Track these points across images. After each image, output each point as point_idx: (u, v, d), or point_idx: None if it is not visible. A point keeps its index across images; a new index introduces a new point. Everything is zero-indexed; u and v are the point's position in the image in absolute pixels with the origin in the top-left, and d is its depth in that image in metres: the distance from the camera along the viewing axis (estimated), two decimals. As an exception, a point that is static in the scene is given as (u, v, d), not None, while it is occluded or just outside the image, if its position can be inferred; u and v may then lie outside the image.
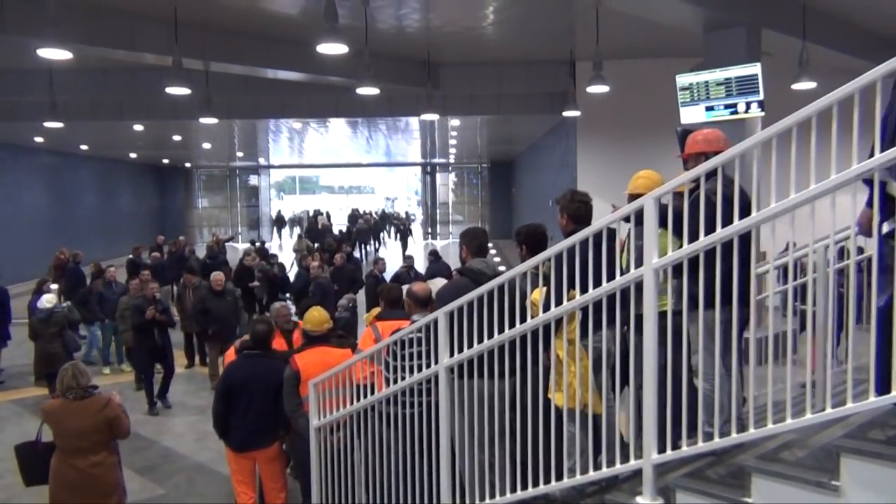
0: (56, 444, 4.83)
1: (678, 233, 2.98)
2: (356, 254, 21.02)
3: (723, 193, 2.80)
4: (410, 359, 4.09)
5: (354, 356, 4.70)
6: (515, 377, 3.60)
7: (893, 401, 2.44)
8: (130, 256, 16.10)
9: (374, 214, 36.91)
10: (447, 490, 3.93)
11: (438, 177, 36.75)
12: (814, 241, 2.72)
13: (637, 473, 3.12)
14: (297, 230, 36.07)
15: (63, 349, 8.93)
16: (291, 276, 13.70)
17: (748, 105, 8.57)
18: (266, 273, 12.77)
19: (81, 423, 4.70)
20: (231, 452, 5.53)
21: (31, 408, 9.02)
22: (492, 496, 3.74)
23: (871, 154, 2.45)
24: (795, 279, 4.96)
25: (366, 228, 29.55)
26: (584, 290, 3.19)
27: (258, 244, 20.29)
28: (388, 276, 11.98)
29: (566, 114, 12.69)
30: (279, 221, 38.03)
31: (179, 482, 6.99)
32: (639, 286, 3.04)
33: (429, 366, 3.93)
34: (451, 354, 3.74)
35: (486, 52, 13.01)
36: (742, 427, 2.87)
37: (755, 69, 8.46)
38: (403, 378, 4.11)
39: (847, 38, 10.91)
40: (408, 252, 20.30)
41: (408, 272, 11.84)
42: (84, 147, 24.11)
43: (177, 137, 23.29)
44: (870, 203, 2.64)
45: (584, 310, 3.25)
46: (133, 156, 29.12)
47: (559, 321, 3.40)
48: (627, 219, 3.24)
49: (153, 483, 6.93)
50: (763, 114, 8.54)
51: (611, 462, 3.22)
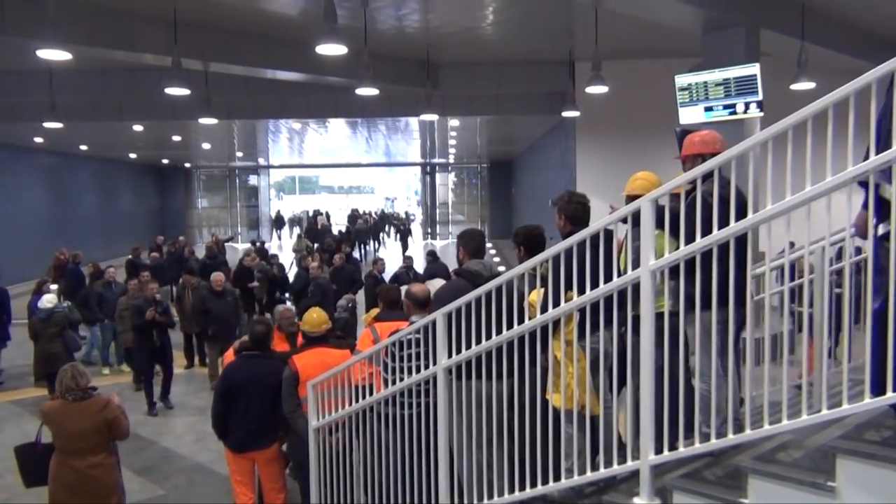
0: (55, 446, 4.84)
1: (675, 234, 2.99)
2: (355, 254, 21.02)
3: (719, 195, 2.81)
4: (409, 360, 4.10)
5: (353, 357, 4.71)
6: (513, 378, 3.62)
7: (889, 402, 2.45)
8: (129, 257, 16.08)
9: (374, 215, 36.92)
10: (445, 491, 3.94)
11: (438, 177, 36.76)
12: (809, 243, 2.73)
13: (634, 474, 3.13)
14: (297, 230, 36.09)
15: (64, 349, 8.93)
16: (291, 277, 13.71)
17: (747, 105, 8.57)
18: (266, 273, 12.78)
19: (81, 425, 4.71)
20: (230, 453, 5.55)
21: (31, 408, 9.03)
22: (490, 497, 3.74)
23: (867, 157, 2.46)
24: (792, 280, 4.95)
25: (365, 229, 29.55)
26: (582, 292, 3.21)
27: (258, 244, 20.30)
28: (388, 277, 12.00)
29: (565, 114, 12.69)
30: (278, 221, 38.04)
31: (179, 483, 7.00)
32: (636, 287, 3.05)
33: (427, 367, 3.94)
34: (450, 355, 3.75)
35: (486, 53, 13.02)
36: (739, 428, 2.87)
37: (754, 70, 8.47)
38: (402, 379, 4.12)
39: (846, 39, 10.92)
40: (408, 252, 20.31)
41: (407, 272, 11.86)
42: (84, 147, 24.12)
43: (176, 138, 23.30)
44: (866, 205, 2.65)
45: (582, 311, 3.27)
46: (133, 156, 29.12)
47: (557, 322, 3.41)
48: (625, 220, 3.25)
49: (153, 484, 6.94)
50: (762, 114, 8.54)
51: (608, 463, 3.23)
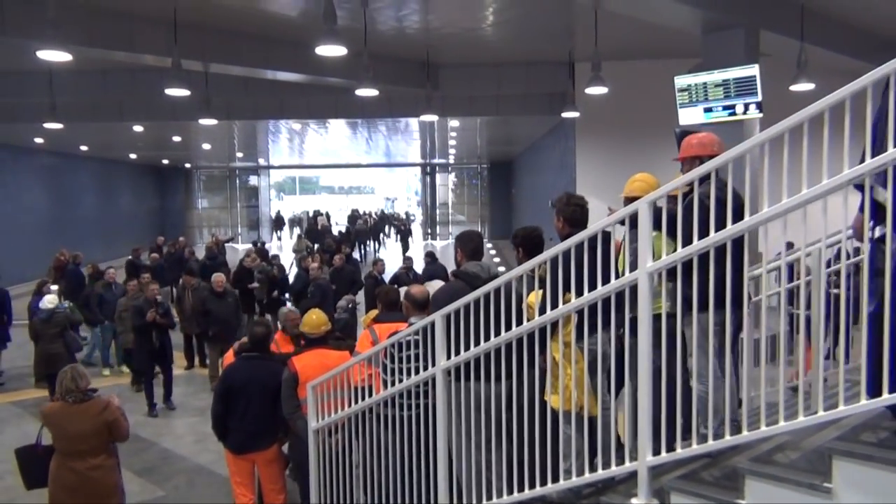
0: (55, 447, 4.85)
1: (673, 235, 3.00)
2: (355, 255, 21.02)
3: (716, 197, 2.82)
4: (408, 361, 4.11)
5: (352, 358, 4.72)
6: (512, 380, 3.63)
7: (884, 403, 2.46)
8: (129, 258, 16.09)
9: (374, 215, 36.94)
10: (444, 492, 3.95)
11: (438, 177, 36.76)
12: (805, 245, 2.74)
13: (633, 475, 3.14)
14: (297, 231, 36.11)
15: (65, 350, 8.94)
16: (291, 278, 13.70)
17: (746, 106, 8.58)
18: (266, 274, 12.78)
19: (81, 427, 4.72)
20: (230, 454, 5.55)
21: (31, 409, 9.04)
22: (489, 498, 3.76)
23: (863, 159, 2.47)
24: (791, 282, 4.96)
25: (365, 229, 29.55)
26: (580, 294, 3.22)
27: (259, 245, 20.28)
28: (388, 277, 12.01)
29: (565, 115, 12.70)
30: (278, 222, 38.06)
31: (179, 484, 7.00)
32: (634, 289, 3.06)
33: (426, 368, 3.95)
34: (449, 357, 3.77)
35: (486, 54, 13.04)
36: (736, 429, 2.88)
37: (753, 70, 8.48)
38: (401, 380, 4.13)
39: (845, 40, 10.93)
40: (408, 253, 20.32)
41: (406, 273, 11.87)
42: (84, 148, 24.13)
43: (176, 138, 23.31)
44: (863, 208, 2.66)
45: (580, 313, 3.28)
46: (133, 156, 29.12)
47: (555, 324, 3.42)
48: (623, 222, 3.26)
49: (153, 485, 6.94)
50: (761, 115, 8.55)
51: (606, 464, 3.24)
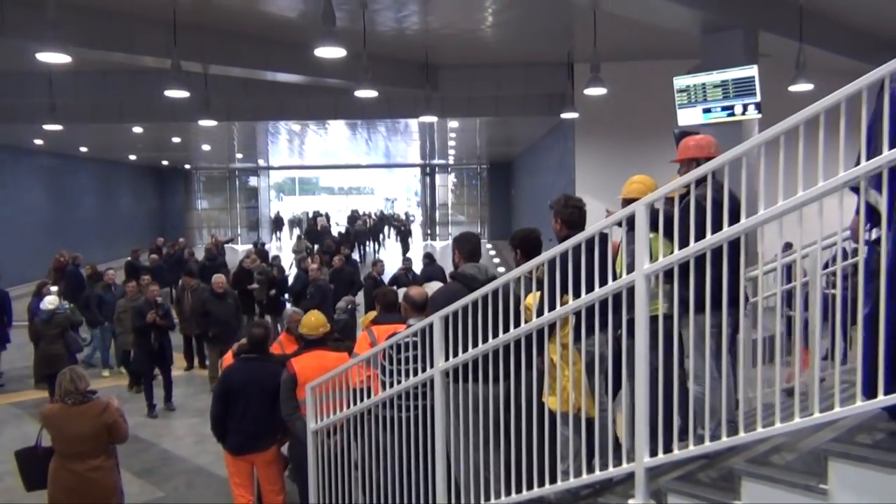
0: (54, 449, 4.86)
1: (670, 236, 3.01)
2: (354, 255, 21.02)
3: (713, 199, 2.82)
4: (406, 363, 4.12)
5: (351, 360, 4.73)
6: (510, 381, 3.63)
7: (881, 405, 2.47)
8: (129, 259, 16.10)
9: (374, 216, 36.94)
10: (443, 493, 3.96)
11: (438, 178, 36.76)
12: (801, 247, 2.75)
13: (630, 476, 3.15)
14: (297, 231, 36.11)
15: (65, 350, 8.95)
16: (290, 279, 13.71)
17: (745, 107, 8.58)
18: (266, 275, 12.79)
19: (80, 428, 4.73)
20: (229, 455, 5.56)
21: (31, 410, 9.05)
22: (487, 499, 3.77)
23: (858, 162, 2.47)
24: (787, 283, 4.96)
25: (364, 230, 29.54)
26: (578, 295, 3.22)
27: (260, 246, 20.27)
28: (387, 278, 12.01)
29: (564, 116, 12.69)
30: (277, 223, 38.04)
31: (178, 485, 7.01)
32: (631, 291, 3.07)
33: (424, 370, 3.96)
34: (447, 358, 3.77)
35: (485, 54, 13.04)
36: (733, 430, 2.89)
37: (752, 71, 8.48)
38: (399, 382, 4.14)
39: (844, 40, 10.93)
40: (407, 254, 20.32)
41: (406, 274, 11.88)
42: (84, 149, 24.14)
43: (176, 139, 23.31)
44: (859, 210, 2.67)
45: (578, 314, 3.28)
46: (132, 157, 29.12)
47: (553, 325, 3.43)
48: (621, 224, 3.26)
49: (152, 486, 6.95)
50: (760, 116, 8.55)
51: (604, 465, 3.25)
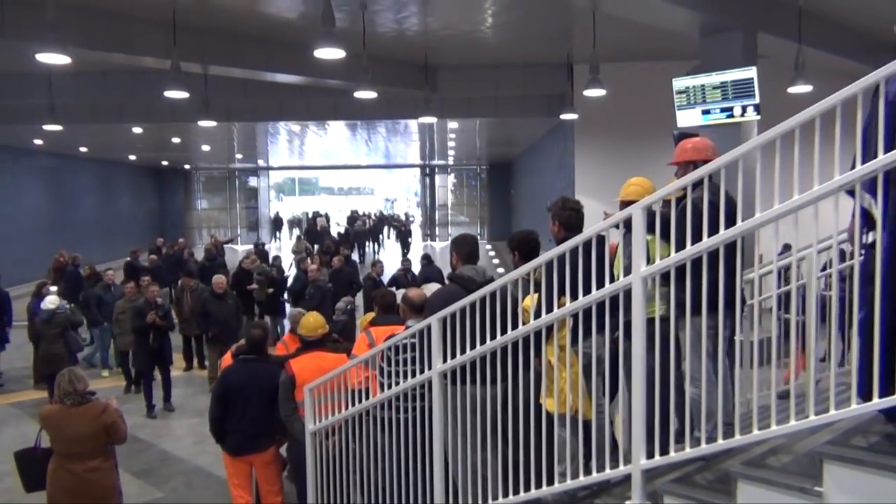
0: (53, 449, 4.87)
1: (667, 238, 3.02)
2: (354, 256, 21.01)
3: (709, 202, 2.83)
4: (404, 364, 4.13)
5: (349, 361, 4.74)
6: (508, 383, 3.64)
7: (876, 407, 2.48)
8: (128, 259, 16.09)
9: (373, 216, 36.93)
10: (441, 494, 3.96)
11: (437, 178, 36.76)
12: (797, 250, 2.76)
13: (627, 478, 3.15)
14: (296, 232, 36.10)
15: (66, 350, 8.96)
16: (290, 279, 13.71)
17: (744, 108, 8.59)
18: (266, 275, 12.79)
19: (79, 429, 4.73)
20: (227, 456, 5.57)
21: (30, 411, 9.05)
22: (484, 500, 3.78)
23: (853, 166, 2.48)
24: (784, 285, 4.97)
25: (364, 230, 29.54)
26: (575, 297, 3.23)
27: (260, 246, 20.26)
28: (386, 279, 12.02)
29: (563, 117, 12.71)
30: (276, 223, 38.03)
31: (177, 485, 7.02)
32: (628, 293, 3.08)
33: (422, 371, 3.97)
34: (445, 360, 3.78)
35: (484, 55, 13.06)
36: (729, 432, 2.90)
37: (751, 73, 8.49)
38: (397, 383, 4.15)
39: (843, 41, 10.95)
40: (407, 254, 20.33)
41: (405, 275, 11.88)
42: (83, 149, 24.14)
43: (176, 140, 23.32)
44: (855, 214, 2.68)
45: (575, 316, 3.29)
46: (132, 158, 29.13)
47: (550, 328, 3.44)
48: (618, 226, 3.27)
49: (151, 486, 6.96)
50: (759, 117, 8.56)
51: (601, 467, 3.26)
